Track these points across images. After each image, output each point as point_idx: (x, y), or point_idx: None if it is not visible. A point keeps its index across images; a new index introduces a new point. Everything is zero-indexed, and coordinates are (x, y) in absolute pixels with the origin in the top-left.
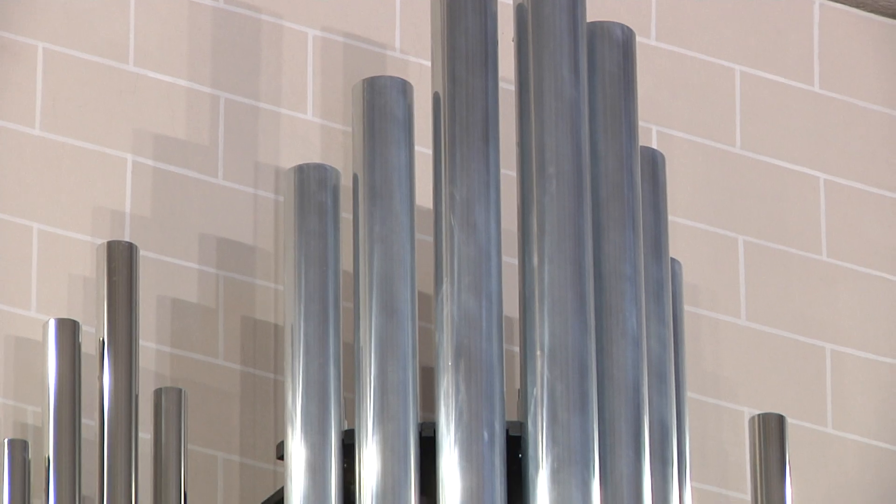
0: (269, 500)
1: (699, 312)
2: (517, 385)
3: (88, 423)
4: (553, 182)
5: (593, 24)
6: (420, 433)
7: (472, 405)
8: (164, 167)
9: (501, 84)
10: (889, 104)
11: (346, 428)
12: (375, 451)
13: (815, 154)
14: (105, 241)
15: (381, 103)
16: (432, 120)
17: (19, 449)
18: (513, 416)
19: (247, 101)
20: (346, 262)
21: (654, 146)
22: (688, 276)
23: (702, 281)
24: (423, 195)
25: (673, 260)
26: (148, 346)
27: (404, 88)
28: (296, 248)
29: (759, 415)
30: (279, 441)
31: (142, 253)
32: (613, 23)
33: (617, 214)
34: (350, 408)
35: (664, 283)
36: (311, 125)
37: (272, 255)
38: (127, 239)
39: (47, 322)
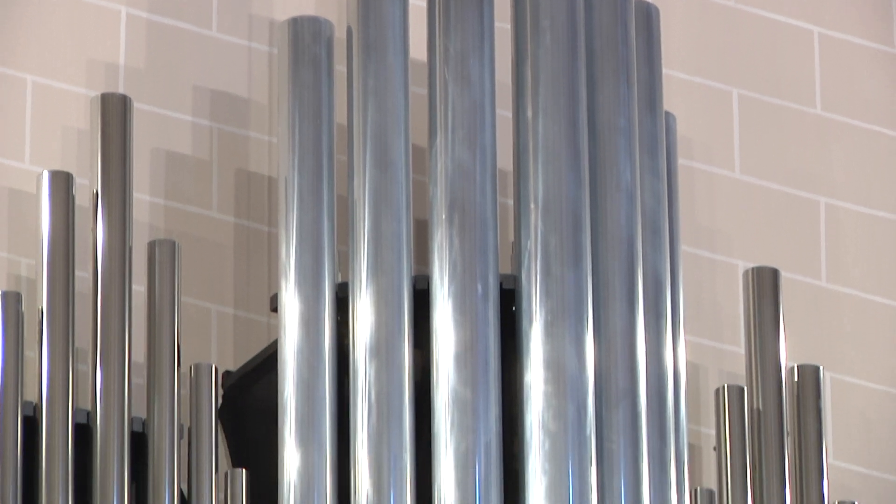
0: (262, 352)
1: (693, 166)
2: (511, 238)
3: (82, 275)
4: (547, 35)
5: None
6: (414, 286)
7: (466, 258)
8: (158, 19)
9: None
10: None
11: (339, 281)
12: (369, 303)
13: (810, 7)
14: (99, 93)
15: None
16: None
17: (13, 301)
18: (506, 270)
19: None
20: (340, 115)
21: None
22: (682, 130)
23: (696, 134)
24: (418, 48)
25: (667, 113)
26: (142, 198)
27: None
28: (290, 101)
29: (753, 268)
30: (273, 293)
31: (136, 105)
32: None
33: (611, 67)
34: (344, 260)
35: (658, 136)
36: None
37: (266, 108)
38: (121, 91)
39: (41, 174)
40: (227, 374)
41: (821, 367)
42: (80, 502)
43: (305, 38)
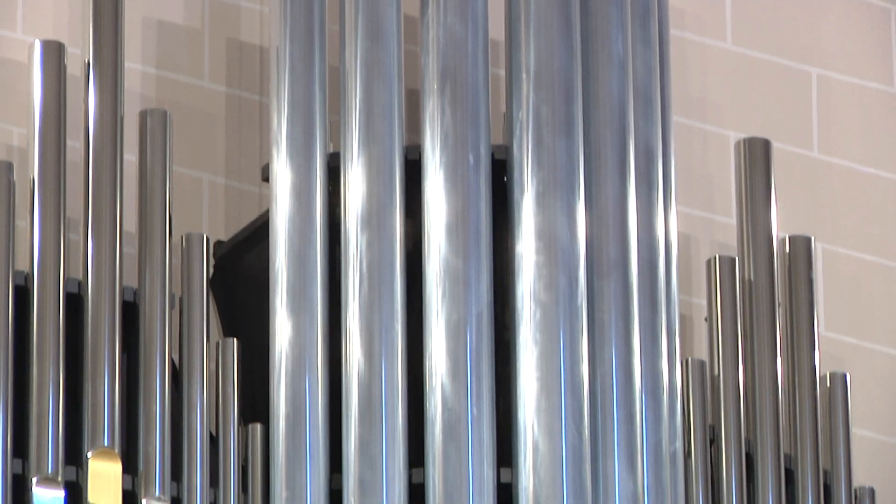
0: (253, 222)
1: (685, 36)
2: (503, 108)
3: (73, 144)
4: None
5: None
6: (405, 156)
7: (458, 128)
8: None
9: None
10: None
11: (331, 151)
12: (361, 173)
13: None
14: None
15: None
16: None
17: (4, 170)
18: (498, 140)
19: None
20: None
21: None
22: (674, 0)
23: (688, 4)
24: None
25: None
26: (133, 67)
27: None
28: None
29: (744, 139)
30: (264, 163)
31: None
32: None
33: None
34: (335, 130)
35: (650, 6)
36: None
37: None
38: None
39: (33, 43)
40: (218, 243)
41: (812, 238)
42: (72, 372)
43: None
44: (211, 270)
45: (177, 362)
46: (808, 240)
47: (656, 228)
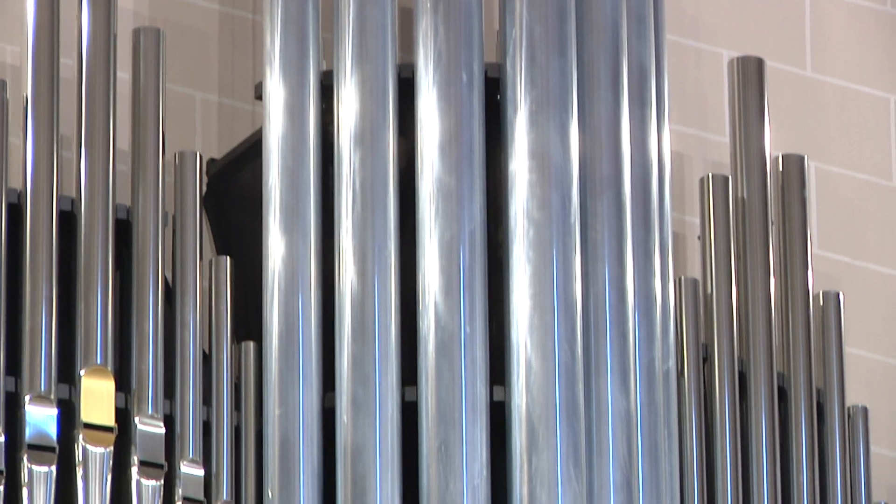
0: (246, 140)
1: None
2: (496, 26)
3: (67, 62)
4: None
5: None
6: (398, 74)
7: (451, 46)
8: None
9: None
10: None
11: (324, 69)
12: (354, 91)
13: None
14: None
15: None
16: None
17: None
18: (491, 58)
19: None
20: None
21: None
22: None
23: None
24: None
25: None
26: None
27: None
28: None
29: (737, 57)
30: (257, 81)
31: None
32: None
33: None
34: (328, 48)
35: None
36: None
37: None
38: None
39: None
40: (211, 161)
41: (805, 157)
42: (65, 289)
43: None
44: (204, 188)
45: (170, 280)
46: (802, 158)
47: (649, 147)
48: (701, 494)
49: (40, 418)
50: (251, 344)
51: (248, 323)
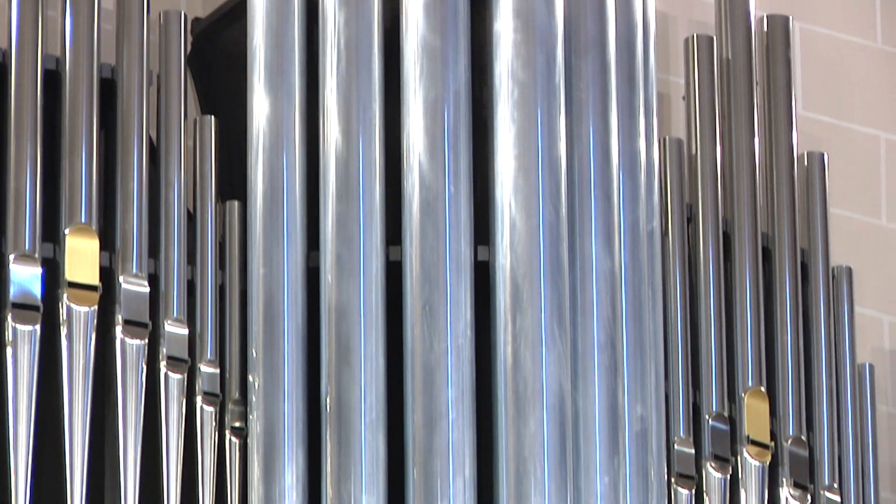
0: None
1: None
2: None
3: None
4: None
5: None
6: None
7: None
8: None
9: None
10: None
11: None
12: None
13: None
14: None
15: None
16: None
17: None
18: None
19: None
20: None
21: None
22: None
23: None
24: None
25: None
26: None
27: None
28: None
29: None
30: None
31: None
32: None
33: None
34: None
35: None
36: None
37: None
38: None
39: None
40: (196, 21)
41: (790, 17)
42: (49, 149)
43: None
44: (189, 48)
45: (154, 139)
46: (787, 19)
47: (634, 6)
48: (685, 354)
49: (24, 277)
50: (236, 203)
51: (233, 182)
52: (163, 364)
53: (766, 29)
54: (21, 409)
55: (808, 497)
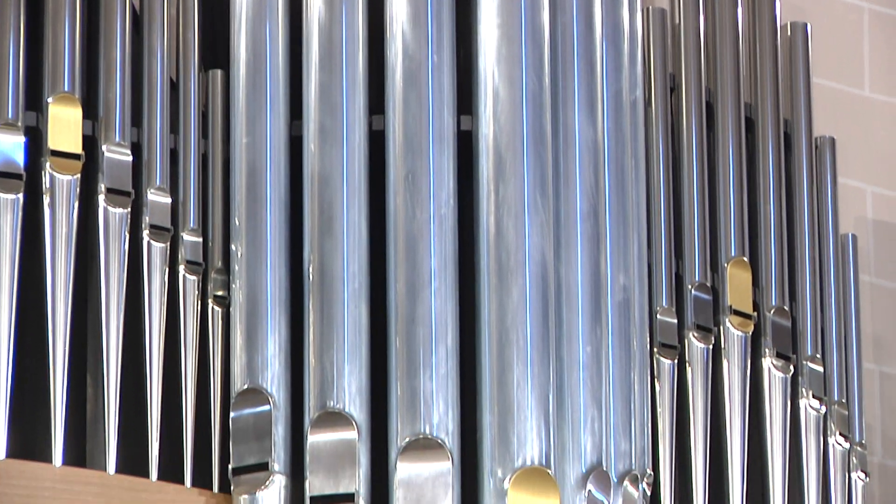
0: None
1: None
2: None
3: None
4: None
5: None
6: None
7: None
8: None
9: None
10: None
11: None
12: None
13: None
14: None
15: None
16: None
17: None
18: None
19: None
20: None
21: None
22: None
23: None
24: None
25: None
26: None
27: None
28: None
29: None
30: None
31: None
32: None
33: None
34: None
35: None
36: None
37: None
38: None
39: None
40: None
41: None
42: (32, 17)
43: None
44: None
45: (137, 8)
46: None
47: None
48: (668, 224)
49: (8, 146)
50: (219, 72)
51: (216, 51)
52: (145, 233)
53: None
54: (3, 277)
55: (791, 367)
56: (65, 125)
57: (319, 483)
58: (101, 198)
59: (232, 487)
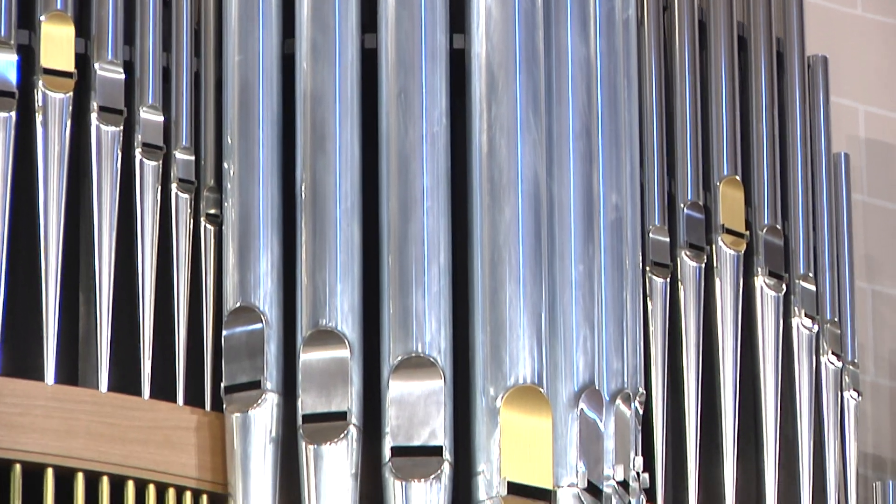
0: None
1: None
2: None
3: None
4: None
5: None
6: None
7: None
8: None
9: None
10: None
11: None
12: None
13: None
14: None
15: None
16: None
17: None
18: None
19: None
20: None
21: None
22: None
23: None
24: None
25: None
26: None
27: None
28: None
29: None
30: None
31: None
32: None
33: None
34: None
35: None
36: None
37: None
38: None
39: None
40: None
41: None
42: None
43: None
44: None
45: None
46: None
47: None
48: (660, 142)
49: (0, 65)
50: None
51: None
52: (138, 151)
53: None
54: None
55: (783, 286)
56: (57, 43)
57: (311, 401)
58: (94, 116)
59: (224, 405)
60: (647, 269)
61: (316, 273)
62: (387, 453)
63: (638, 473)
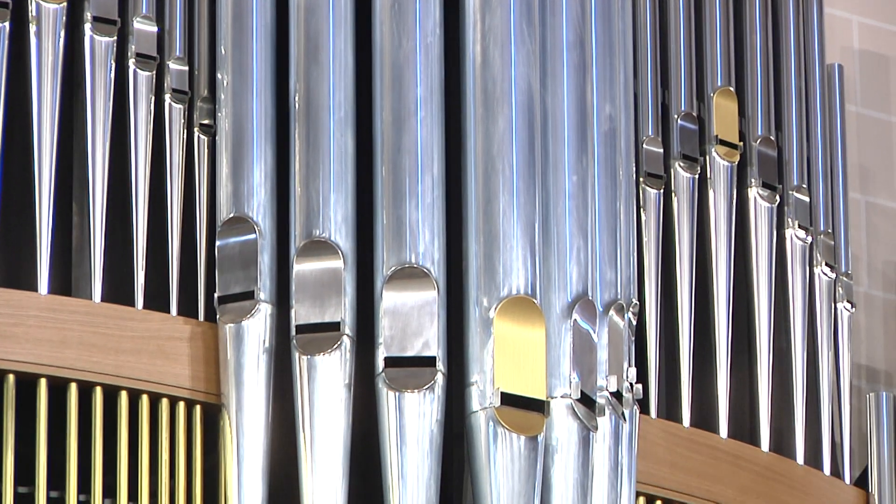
0: None
1: None
2: None
3: None
4: None
5: None
6: None
7: None
8: None
9: None
10: None
11: None
12: None
13: None
14: None
15: None
16: None
17: None
18: None
19: None
20: None
21: None
22: None
23: None
24: None
25: None
26: None
27: None
28: None
29: None
30: None
31: None
32: None
33: None
34: None
35: None
36: None
37: None
38: None
39: None
40: None
41: None
42: None
43: None
44: None
45: None
46: None
47: None
48: (654, 53)
49: None
50: None
51: None
52: (131, 61)
53: None
54: None
55: (777, 197)
56: None
57: (305, 312)
58: (88, 26)
59: (217, 316)
60: (641, 179)
61: (309, 183)
62: (380, 364)
63: (631, 384)
